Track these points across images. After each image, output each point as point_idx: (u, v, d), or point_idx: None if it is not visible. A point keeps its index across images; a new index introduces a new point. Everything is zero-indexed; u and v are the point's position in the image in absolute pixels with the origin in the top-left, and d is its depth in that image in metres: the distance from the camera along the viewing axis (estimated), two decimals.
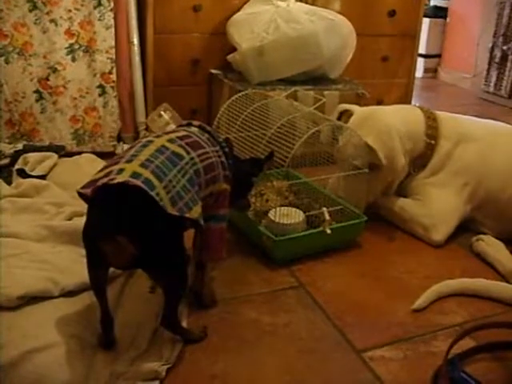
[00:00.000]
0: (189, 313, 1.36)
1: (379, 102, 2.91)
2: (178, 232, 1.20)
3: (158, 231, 1.12)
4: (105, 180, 1.10)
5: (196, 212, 1.18)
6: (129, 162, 1.14)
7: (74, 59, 2.33)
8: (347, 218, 1.75)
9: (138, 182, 1.08)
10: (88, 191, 1.13)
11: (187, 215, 1.15)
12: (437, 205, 1.83)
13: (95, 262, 1.16)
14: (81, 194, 1.16)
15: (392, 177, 1.84)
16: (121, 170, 1.11)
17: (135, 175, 1.10)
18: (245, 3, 2.52)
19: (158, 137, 1.27)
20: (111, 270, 1.22)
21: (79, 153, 2.26)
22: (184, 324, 1.30)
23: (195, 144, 1.29)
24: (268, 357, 1.26)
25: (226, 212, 1.38)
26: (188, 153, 1.25)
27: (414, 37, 3.03)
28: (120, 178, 1.09)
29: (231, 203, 1.43)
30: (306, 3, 2.54)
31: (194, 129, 1.38)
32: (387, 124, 1.81)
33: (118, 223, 1.08)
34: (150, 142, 1.23)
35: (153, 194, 1.08)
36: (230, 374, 1.19)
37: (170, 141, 1.25)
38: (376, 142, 1.77)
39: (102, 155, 2.23)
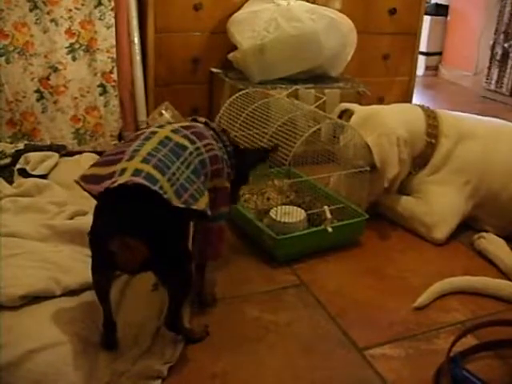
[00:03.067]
0: (190, 312, 1.36)
1: (380, 100, 2.91)
2: (185, 227, 1.19)
3: (167, 227, 1.10)
4: (108, 183, 1.08)
5: (203, 203, 1.16)
6: (131, 159, 1.12)
7: (74, 59, 2.33)
8: (349, 217, 1.75)
9: (140, 180, 1.06)
10: (91, 188, 1.12)
11: (194, 207, 1.13)
12: (438, 203, 1.82)
13: (102, 266, 1.14)
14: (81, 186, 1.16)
15: (383, 182, 1.79)
16: (123, 171, 1.09)
17: (137, 172, 1.08)
18: (245, 2, 2.52)
19: (161, 127, 1.26)
20: None
21: (80, 152, 2.26)
22: (186, 323, 1.30)
23: (200, 134, 1.28)
24: (270, 355, 1.26)
25: (226, 210, 1.36)
26: (193, 142, 1.23)
27: (415, 35, 3.03)
28: (121, 180, 1.06)
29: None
30: (307, 1, 2.54)
31: (199, 125, 1.37)
32: (389, 127, 1.80)
33: (128, 225, 1.06)
34: (154, 133, 1.21)
35: (156, 188, 1.06)
36: (232, 372, 1.19)
37: (174, 131, 1.23)
38: (374, 144, 1.77)
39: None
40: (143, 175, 1.08)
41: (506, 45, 4.03)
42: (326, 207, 1.68)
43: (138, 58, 2.46)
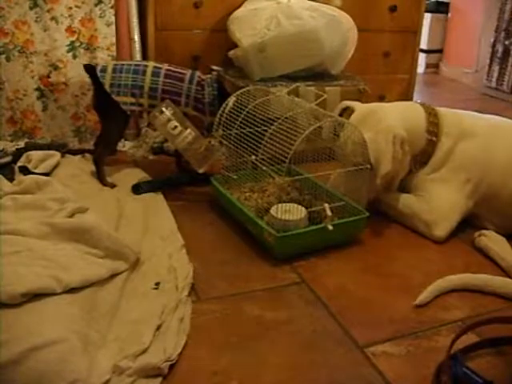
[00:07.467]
0: (191, 309, 1.36)
1: (381, 98, 2.91)
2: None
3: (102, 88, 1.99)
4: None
5: (121, 99, 2.00)
6: None
7: (75, 56, 2.33)
8: (349, 214, 1.75)
9: (97, 67, 2.00)
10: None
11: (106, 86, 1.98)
12: (438, 201, 1.82)
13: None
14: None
15: (375, 180, 1.78)
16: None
17: (102, 64, 2.05)
18: None
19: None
20: (113, 267, 1.34)
21: (81, 150, 2.26)
22: (187, 318, 1.30)
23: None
24: (270, 353, 1.26)
25: None
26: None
27: (416, 32, 3.03)
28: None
29: None
30: None
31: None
32: (388, 125, 1.79)
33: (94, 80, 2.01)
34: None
35: (99, 74, 1.96)
36: (233, 370, 1.20)
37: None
38: (371, 141, 1.76)
39: None
40: (101, 66, 2.00)
41: (506, 42, 4.03)
42: (326, 205, 1.68)
43: (138, 55, 2.46)
